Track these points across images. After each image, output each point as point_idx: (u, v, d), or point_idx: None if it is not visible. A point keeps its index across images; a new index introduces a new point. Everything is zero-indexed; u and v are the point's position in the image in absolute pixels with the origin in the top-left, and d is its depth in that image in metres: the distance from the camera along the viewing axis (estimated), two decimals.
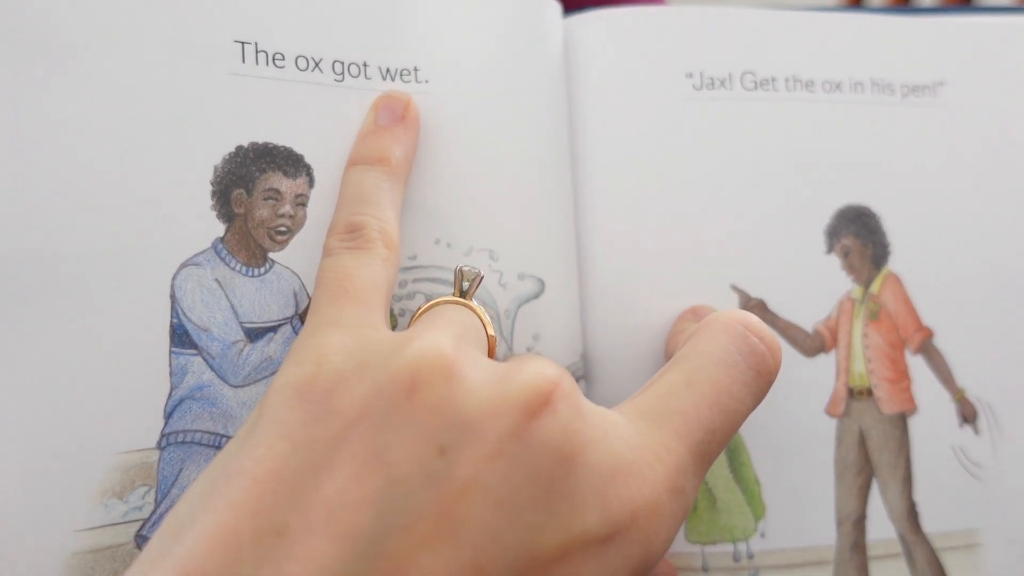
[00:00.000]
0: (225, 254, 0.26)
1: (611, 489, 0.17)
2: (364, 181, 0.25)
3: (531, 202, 0.31)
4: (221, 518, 0.16)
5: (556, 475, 0.17)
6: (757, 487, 0.33)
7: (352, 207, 0.25)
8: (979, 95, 0.37)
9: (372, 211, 0.24)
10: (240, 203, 0.26)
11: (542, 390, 0.17)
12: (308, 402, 0.18)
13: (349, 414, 0.17)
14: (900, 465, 0.34)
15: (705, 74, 0.34)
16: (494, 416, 0.17)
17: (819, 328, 0.34)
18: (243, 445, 0.18)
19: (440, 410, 0.17)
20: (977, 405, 0.35)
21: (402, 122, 0.27)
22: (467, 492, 0.16)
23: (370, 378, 0.18)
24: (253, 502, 0.16)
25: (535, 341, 0.30)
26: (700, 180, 0.34)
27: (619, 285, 0.33)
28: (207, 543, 0.15)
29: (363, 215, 0.24)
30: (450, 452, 0.16)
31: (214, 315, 0.25)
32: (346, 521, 0.16)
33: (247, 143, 0.26)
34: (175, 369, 0.24)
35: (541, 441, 0.17)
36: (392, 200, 0.25)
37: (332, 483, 0.16)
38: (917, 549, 0.34)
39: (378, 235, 0.24)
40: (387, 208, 0.25)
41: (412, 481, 0.16)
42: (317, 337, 0.20)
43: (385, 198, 0.25)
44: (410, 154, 0.27)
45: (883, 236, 0.35)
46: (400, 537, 0.15)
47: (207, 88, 0.26)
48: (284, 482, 0.16)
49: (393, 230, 0.24)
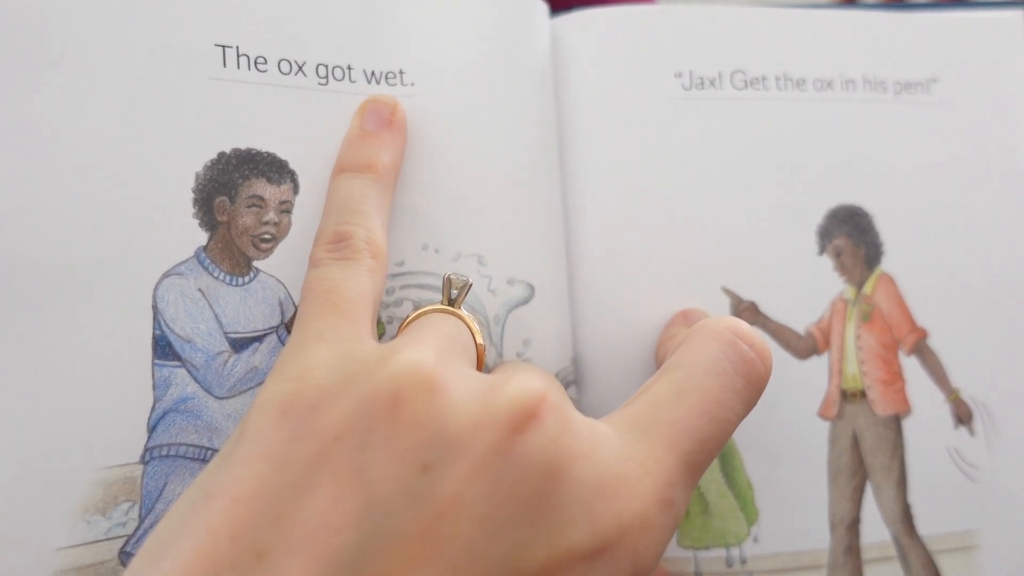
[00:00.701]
0: (208, 263, 0.25)
1: (599, 504, 0.17)
2: (351, 189, 0.25)
3: (519, 206, 0.30)
4: (200, 541, 0.16)
5: (542, 491, 0.16)
6: (750, 491, 0.32)
7: (339, 216, 0.24)
8: (972, 91, 0.36)
9: (359, 220, 0.24)
10: (223, 211, 0.26)
11: (528, 404, 0.17)
12: (290, 419, 0.17)
13: (330, 432, 0.17)
14: (894, 467, 0.34)
15: (695, 74, 0.34)
16: (478, 431, 0.16)
17: (811, 330, 0.33)
18: (224, 464, 0.17)
19: (422, 426, 0.16)
20: (972, 406, 0.35)
21: (389, 127, 0.27)
22: (450, 510, 0.16)
23: (352, 394, 0.17)
24: (233, 524, 0.16)
25: (525, 347, 0.30)
26: (690, 181, 0.33)
27: (609, 288, 0.33)
28: (185, 567, 0.15)
29: (350, 224, 0.24)
30: (433, 469, 0.16)
31: (198, 326, 0.25)
32: (326, 543, 0.15)
33: (229, 149, 0.26)
34: (158, 381, 0.24)
35: (526, 456, 0.16)
36: (379, 208, 0.25)
37: (313, 504, 0.16)
38: (912, 552, 0.34)
39: (365, 245, 0.23)
40: (374, 217, 0.24)
41: (394, 500, 0.16)
42: (301, 352, 0.19)
43: (372, 206, 0.25)
44: (397, 160, 0.27)
45: (876, 236, 0.35)
46: (381, 559, 0.15)
47: (188, 94, 0.25)
48: (264, 503, 0.16)
49: (380, 239, 0.24)
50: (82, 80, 0.25)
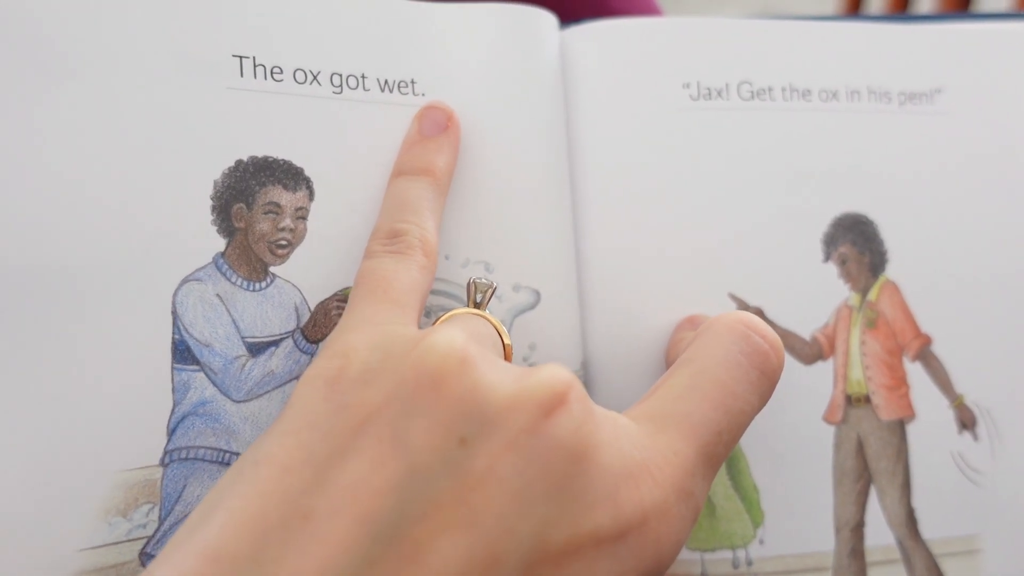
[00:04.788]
0: (226, 269, 0.26)
1: (622, 490, 0.17)
2: (408, 191, 0.26)
3: (527, 214, 0.31)
4: (250, 503, 0.16)
5: (569, 472, 0.17)
6: (755, 494, 0.33)
7: (395, 215, 0.26)
8: (977, 102, 0.37)
9: (414, 219, 0.25)
10: (240, 217, 0.26)
11: (558, 390, 0.18)
12: (336, 392, 0.18)
13: (374, 403, 0.18)
14: (898, 471, 0.35)
15: (702, 84, 0.34)
16: (513, 411, 0.17)
17: (817, 336, 0.34)
18: (272, 433, 0.18)
19: (462, 401, 0.17)
20: (976, 411, 0.35)
21: (445, 132, 0.28)
22: (484, 483, 0.16)
23: (393, 368, 0.18)
24: (281, 488, 0.17)
25: (531, 351, 0.30)
26: (698, 189, 0.34)
27: (618, 294, 0.33)
28: (234, 526, 0.16)
29: (405, 223, 0.25)
30: (469, 443, 0.17)
31: (216, 330, 0.25)
32: (368, 505, 0.16)
33: (246, 157, 0.26)
34: (177, 385, 0.24)
35: (556, 438, 0.17)
36: (434, 210, 0.26)
37: (356, 468, 0.17)
38: (916, 555, 0.34)
39: (418, 242, 0.24)
40: (428, 218, 0.26)
41: (432, 469, 0.16)
42: (347, 333, 0.20)
43: (427, 208, 0.26)
44: (452, 164, 0.28)
45: (880, 244, 0.35)
46: (419, 522, 0.16)
47: (206, 103, 0.26)
48: (311, 468, 0.17)
49: (433, 239, 0.25)
50: (103, 92, 0.25)
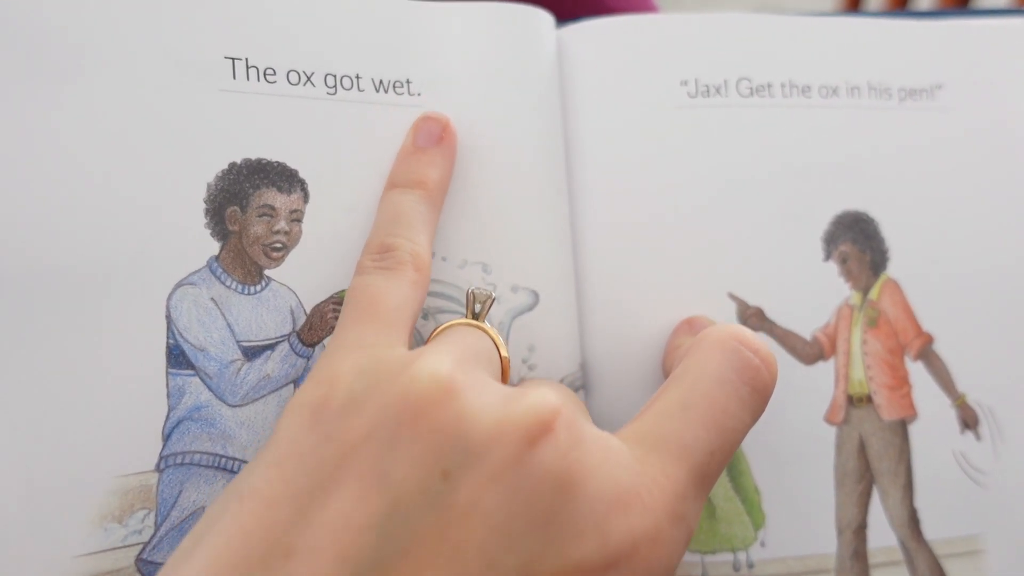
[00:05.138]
0: (220, 272, 0.25)
1: (611, 518, 0.17)
2: (401, 203, 0.26)
3: (524, 214, 0.31)
4: (232, 538, 0.16)
5: (555, 504, 0.17)
6: (756, 496, 0.33)
7: (387, 228, 0.25)
8: (977, 98, 0.36)
9: (406, 233, 0.25)
10: (234, 220, 0.26)
11: (543, 417, 0.17)
12: (320, 423, 0.18)
13: (357, 435, 0.17)
14: (901, 472, 0.34)
15: (700, 81, 0.34)
16: (496, 442, 0.17)
17: (818, 335, 0.34)
18: (258, 465, 0.18)
19: (444, 433, 0.17)
20: (978, 410, 0.35)
21: (439, 144, 0.28)
22: (467, 517, 0.16)
23: (377, 399, 0.18)
24: (264, 524, 0.16)
25: (530, 353, 0.30)
26: (697, 188, 0.33)
27: (616, 294, 0.33)
28: (217, 563, 0.16)
29: (396, 237, 0.25)
30: (453, 476, 0.16)
31: (210, 334, 0.25)
32: (350, 543, 0.16)
33: (240, 159, 0.26)
34: (172, 390, 0.24)
35: (540, 469, 0.17)
36: (426, 224, 0.26)
37: (339, 504, 0.16)
38: (919, 556, 0.34)
39: (409, 257, 0.24)
40: (420, 232, 0.25)
41: (415, 504, 0.16)
42: (334, 357, 0.20)
43: (419, 221, 0.26)
44: (447, 176, 0.28)
45: (881, 242, 0.35)
46: (401, 560, 0.16)
47: (198, 105, 0.26)
48: (294, 504, 0.17)
49: (424, 253, 0.25)
50: (94, 94, 0.25)
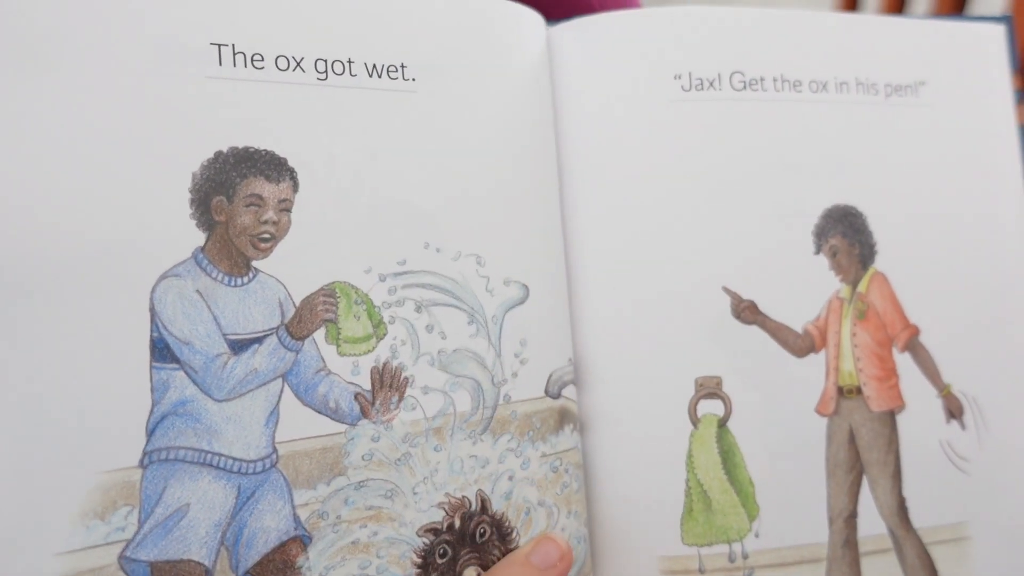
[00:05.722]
0: (206, 264, 0.25)
1: None
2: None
3: (516, 207, 0.30)
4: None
5: None
6: (751, 488, 0.33)
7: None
8: (958, 95, 0.37)
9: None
10: (221, 210, 0.25)
11: None
12: None
13: None
14: (890, 462, 0.35)
15: (694, 75, 0.34)
16: None
17: (809, 328, 0.34)
18: None
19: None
20: (963, 400, 0.35)
21: (552, 570, 0.27)
22: None
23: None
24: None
25: (522, 346, 0.29)
26: (689, 182, 0.33)
27: (608, 289, 0.33)
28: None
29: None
30: None
31: (196, 327, 0.24)
32: None
33: (227, 148, 0.25)
34: (156, 384, 0.23)
35: None
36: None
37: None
38: (907, 544, 0.34)
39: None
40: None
41: None
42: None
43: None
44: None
45: (869, 236, 0.35)
46: None
47: (183, 93, 0.25)
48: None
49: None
50: (77, 82, 0.24)
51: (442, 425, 0.28)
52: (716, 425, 0.32)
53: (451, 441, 0.28)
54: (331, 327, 0.26)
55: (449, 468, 0.27)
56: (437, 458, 0.27)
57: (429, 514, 0.27)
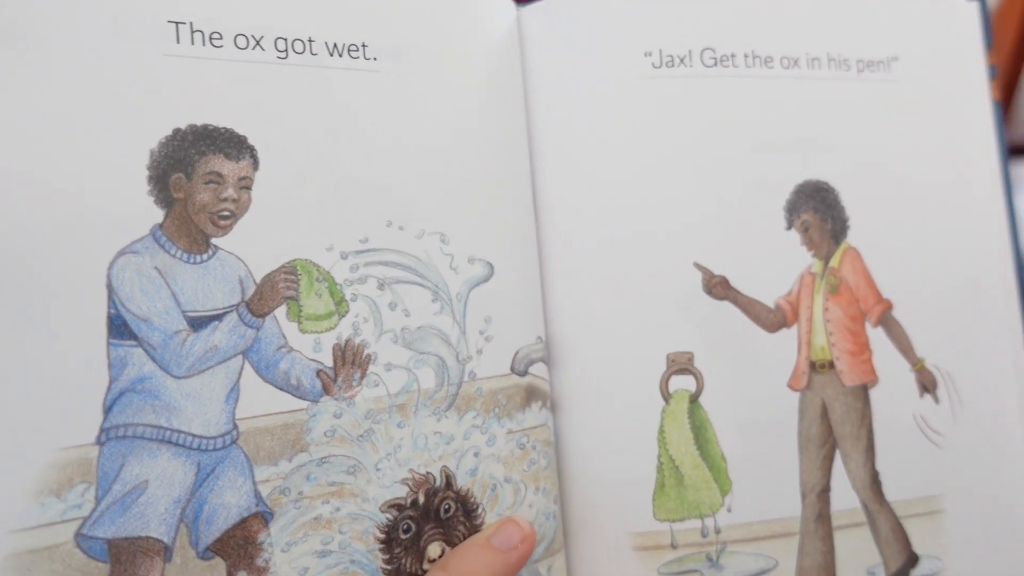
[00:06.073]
0: (165, 241, 0.25)
1: None
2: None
3: (483, 186, 0.30)
4: None
5: None
6: (723, 463, 0.33)
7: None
8: (930, 70, 0.37)
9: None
10: (179, 188, 0.25)
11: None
12: None
13: None
14: (862, 436, 0.35)
15: (664, 52, 0.34)
16: None
17: (780, 303, 0.34)
18: None
19: None
20: (937, 374, 0.35)
21: (513, 551, 0.27)
22: None
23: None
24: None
25: (487, 324, 0.29)
26: (661, 159, 0.33)
27: (579, 267, 0.32)
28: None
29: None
30: None
31: (154, 304, 0.24)
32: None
33: (185, 125, 0.25)
34: (114, 361, 0.23)
35: None
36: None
37: None
38: (880, 517, 0.34)
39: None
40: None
41: None
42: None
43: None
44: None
45: (842, 211, 0.35)
46: None
47: (139, 71, 0.25)
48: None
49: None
50: (32, 59, 0.24)
51: (406, 402, 0.28)
52: (688, 401, 0.32)
53: (415, 418, 0.28)
54: (292, 304, 0.26)
55: (413, 444, 0.27)
56: (401, 434, 0.27)
57: (393, 490, 0.27)
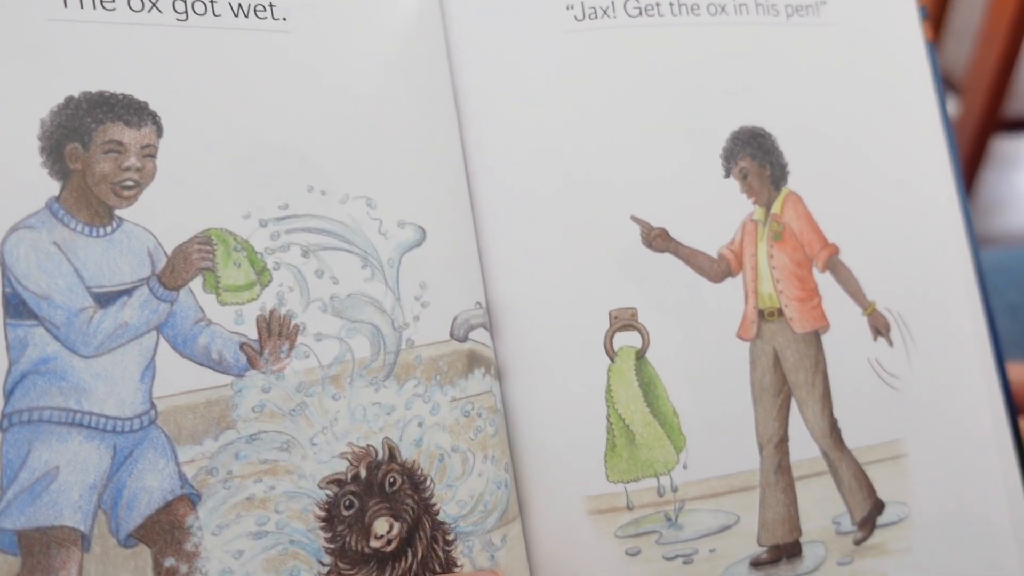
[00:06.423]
0: (63, 214, 0.23)
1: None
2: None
3: (408, 148, 0.29)
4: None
5: None
6: (675, 418, 0.32)
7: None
8: (859, 14, 0.37)
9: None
10: (76, 158, 0.24)
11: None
12: None
13: None
14: (817, 383, 0.34)
15: (586, 4, 0.33)
16: None
17: (723, 252, 0.33)
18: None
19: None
20: (888, 317, 0.35)
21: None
22: None
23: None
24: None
25: (422, 289, 0.28)
26: (591, 113, 0.33)
27: (515, 229, 0.32)
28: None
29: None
30: None
31: (55, 281, 0.23)
32: None
33: (78, 93, 0.24)
34: (12, 343, 0.22)
35: None
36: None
37: None
38: (842, 465, 0.34)
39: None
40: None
41: None
42: None
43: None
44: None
45: (780, 156, 0.35)
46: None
47: (24, 37, 0.24)
48: None
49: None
50: None
51: (340, 373, 0.26)
52: (634, 357, 0.31)
53: (351, 389, 0.27)
54: (209, 275, 0.25)
55: (350, 417, 0.26)
56: (336, 407, 0.26)
57: (331, 465, 0.26)
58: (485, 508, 0.29)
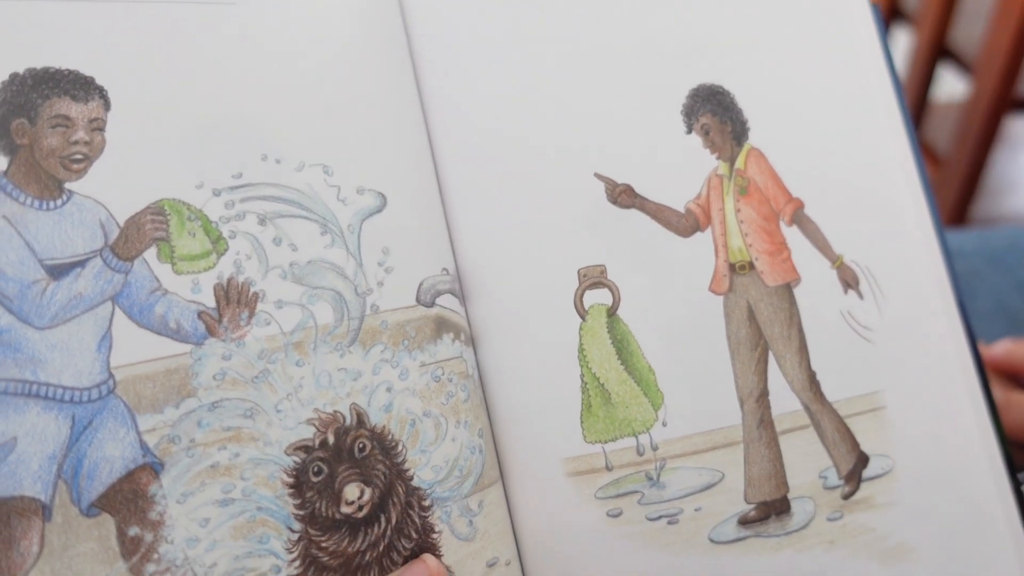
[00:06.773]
0: (11, 189, 0.23)
1: None
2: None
3: (364, 115, 0.29)
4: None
5: None
6: (651, 375, 0.32)
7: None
8: None
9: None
10: (22, 133, 0.24)
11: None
12: None
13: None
14: (793, 336, 0.34)
15: None
16: None
17: (691, 207, 0.33)
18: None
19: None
20: (856, 269, 0.35)
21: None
22: None
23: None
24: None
25: (385, 255, 0.28)
26: (550, 71, 0.33)
27: (479, 193, 0.32)
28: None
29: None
30: None
31: (6, 255, 0.23)
32: None
33: (23, 69, 0.24)
34: None
35: None
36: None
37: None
38: (824, 418, 0.34)
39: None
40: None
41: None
42: None
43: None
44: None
45: (740, 112, 0.35)
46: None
47: None
48: None
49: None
50: None
51: (303, 339, 0.26)
52: (605, 315, 0.31)
53: (315, 355, 0.26)
54: (163, 246, 0.25)
55: (315, 383, 0.26)
56: (300, 373, 0.26)
57: (297, 431, 0.26)
58: (460, 473, 0.28)
